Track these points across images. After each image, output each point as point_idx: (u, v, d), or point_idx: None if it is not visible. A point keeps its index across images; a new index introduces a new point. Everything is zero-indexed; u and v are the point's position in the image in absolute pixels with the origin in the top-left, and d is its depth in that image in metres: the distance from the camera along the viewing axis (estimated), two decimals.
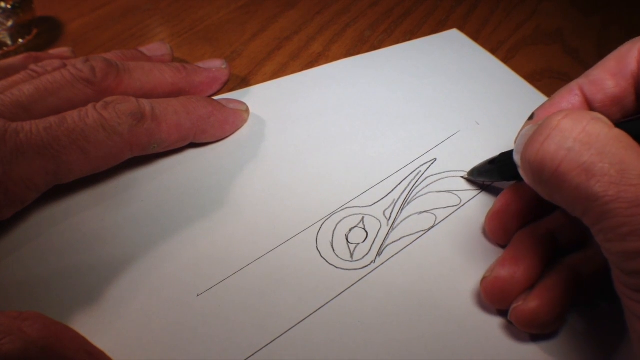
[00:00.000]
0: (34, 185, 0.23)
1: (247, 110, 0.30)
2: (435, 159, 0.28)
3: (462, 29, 0.39)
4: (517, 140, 0.20)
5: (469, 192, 0.26)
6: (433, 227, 0.25)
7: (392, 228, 0.25)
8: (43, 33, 0.38)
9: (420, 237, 0.24)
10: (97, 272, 0.23)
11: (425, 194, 0.26)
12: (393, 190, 0.26)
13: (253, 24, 0.40)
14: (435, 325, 0.21)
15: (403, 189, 0.27)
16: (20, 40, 0.37)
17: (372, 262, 0.23)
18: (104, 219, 0.25)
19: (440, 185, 0.27)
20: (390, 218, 0.25)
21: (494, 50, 0.37)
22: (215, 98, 0.31)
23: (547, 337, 0.21)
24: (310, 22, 0.40)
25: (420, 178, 0.27)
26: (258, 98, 0.32)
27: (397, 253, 0.24)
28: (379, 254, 0.24)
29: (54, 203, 0.25)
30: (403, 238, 0.24)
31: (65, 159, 0.23)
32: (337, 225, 0.25)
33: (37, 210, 0.25)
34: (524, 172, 0.19)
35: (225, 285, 0.22)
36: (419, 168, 0.28)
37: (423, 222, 0.25)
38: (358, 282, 0.23)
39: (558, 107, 0.22)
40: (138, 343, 0.20)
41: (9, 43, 0.36)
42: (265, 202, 0.26)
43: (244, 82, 0.34)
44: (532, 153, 0.17)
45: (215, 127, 0.28)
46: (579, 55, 0.37)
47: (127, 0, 0.42)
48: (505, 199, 0.23)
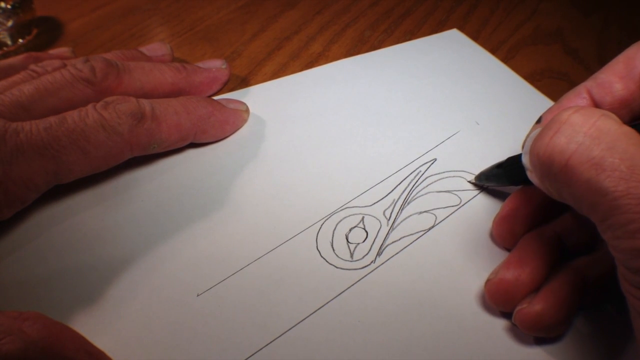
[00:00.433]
0: (34, 185, 0.23)
1: (247, 110, 0.30)
2: (435, 159, 0.28)
3: (462, 29, 0.39)
4: (525, 143, 0.20)
5: (469, 192, 0.26)
6: (433, 227, 0.25)
7: (392, 228, 0.25)
8: (43, 33, 0.38)
9: (420, 237, 0.24)
10: (97, 272, 0.23)
11: (425, 194, 0.26)
12: (393, 190, 0.26)
13: (253, 24, 0.40)
14: (435, 326, 0.21)
15: (403, 189, 0.27)
16: (20, 40, 0.37)
17: (372, 262, 0.23)
18: (104, 219, 0.25)
19: (440, 185, 0.27)
20: (390, 218, 0.25)
21: (494, 50, 0.37)
22: (215, 98, 0.31)
23: (551, 340, 0.21)
24: (310, 22, 0.40)
25: (420, 178, 0.27)
26: (258, 98, 0.32)
27: (397, 253, 0.24)
28: (379, 254, 0.24)
29: (54, 203, 0.25)
30: (403, 238, 0.24)
31: (65, 159, 0.23)
32: (337, 225, 0.25)
33: (37, 210, 0.25)
34: (533, 167, 0.19)
35: (225, 285, 0.22)
36: (419, 168, 0.28)
37: (423, 222, 0.25)
38: (358, 282, 0.23)
39: (563, 109, 0.22)
40: (138, 343, 0.20)
41: (9, 43, 0.36)
42: (265, 202, 0.26)
43: (244, 82, 0.34)
44: (541, 146, 0.17)
45: (215, 127, 0.28)
46: (579, 55, 0.37)
47: (127, 0, 0.42)
48: (513, 203, 0.23)
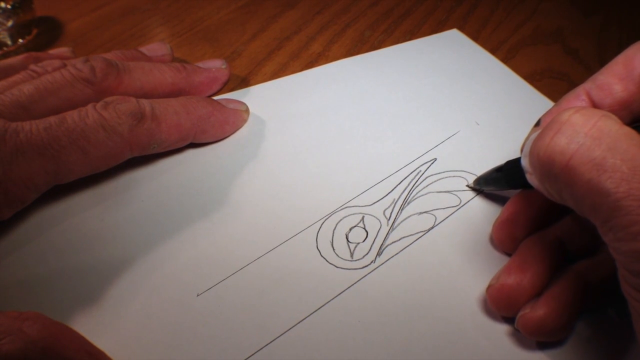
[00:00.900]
0: (34, 185, 0.23)
1: (247, 110, 0.30)
2: (435, 159, 0.28)
3: (462, 29, 0.39)
4: (524, 146, 0.20)
5: (469, 192, 0.26)
6: (433, 227, 0.25)
7: (392, 228, 0.25)
8: (43, 33, 0.38)
9: (420, 237, 0.24)
10: (97, 272, 0.23)
11: (425, 194, 0.26)
12: (393, 190, 0.26)
13: (253, 24, 0.40)
14: (435, 326, 0.21)
15: (403, 189, 0.27)
16: (20, 40, 0.37)
17: (372, 261, 0.23)
18: (104, 219, 0.25)
19: (440, 186, 0.27)
20: (390, 218, 0.25)
21: (494, 50, 0.37)
22: (215, 98, 0.31)
23: (553, 344, 0.21)
24: (310, 22, 0.40)
25: (420, 178, 0.27)
26: (258, 98, 0.32)
27: (397, 253, 0.24)
28: (379, 254, 0.24)
29: (54, 203, 0.25)
30: (403, 238, 0.24)
31: (65, 159, 0.23)
32: (337, 225, 0.25)
33: (37, 210, 0.25)
34: (533, 168, 0.18)
35: (225, 285, 0.22)
36: (419, 168, 0.28)
37: (423, 222, 0.25)
38: (358, 281, 0.23)
39: (563, 110, 0.22)
40: (138, 343, 0.20)
41: (9, 43, 0.36)
42: (265, 201, 0.26)
43: (244, 82, 0.34)
44: (541, 147, 0.17)
45: (215, 127, 0.28)
46: (579, 55, 0.37)
47: (127, 0, 0.42)
48: (513, 208, 0.23)
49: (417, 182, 0.27)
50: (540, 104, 0.32)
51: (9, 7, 0.35)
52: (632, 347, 0.21)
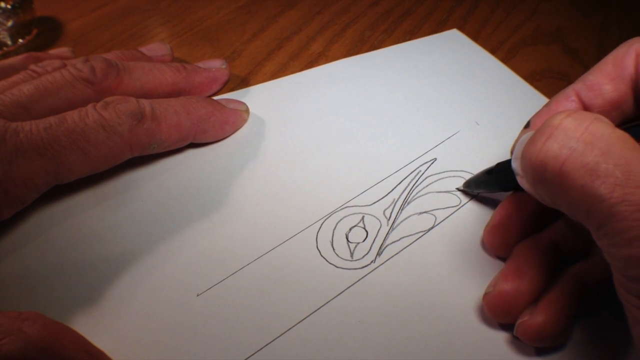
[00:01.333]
0: (34, 186, 0.23)
1: (247, 110, 0.30)
2: (435, 159, 0.28)
3: (462, 29, 0.39)
4: (515, 148, 0.20)
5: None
6: (433, 227, 0.25)
7: (392, 228, 0.25)
8: (43, 33, 0.38)
9: (420, 237, 0.24)
10: (97, 271, 0.23)
11: (425, 194, 0.26)
12: (393, 190, 0.26)
13: (253, 24, 0.40)
14: (435, 326, 0.21)
15: (403, 189, 0.27)
16: (20, 40, 0.37)
17: (372, 261, 0.23)
18: (104, 219, 0.25)
19: (440, 185, 0.27)
20: (390, 218, 0.25)
21: (494, 50, 0.37)
22: (215, 98, 0.31)
23: (551, 349, 0.20)
24: (310, 22, 0.40)
25: (420, 178, 0.27)
26: (258, 98, 0.32)
27: (397, 253, 0.24)
28: (379, 254, 0.24)
29: (54, 203, 0.25)
30: (403, 238, 0.24)
31: (65, 159, 0.23)
32: (337, 225, 0.25)
33: (37, 210, 0.25)
34: (525, 173, 0.18)
35: (225, 285, 0.22)
36: (419, 168, 0.28)
37: (423, 222, 0.25)
38: (358, 281, 0.23)
39: (554, 113, 0.22)
40: (138, 343, 0.20)
41: (9, 43, 0.36)
42: (265, 201, 0.26)
43: (244, 82, 0.34)
44: (534, 152, 0.17)
45: (215, 127, 0.28)
46: (579, 55, 0.37)
47: (127, 0, 0.42)
48: (505, 211, 0.22)
49: (417, 182, 0.27)
50: (540, 104, 0.31)
51: (9, 7, 0.35)
52: (627, 349, 0.21)
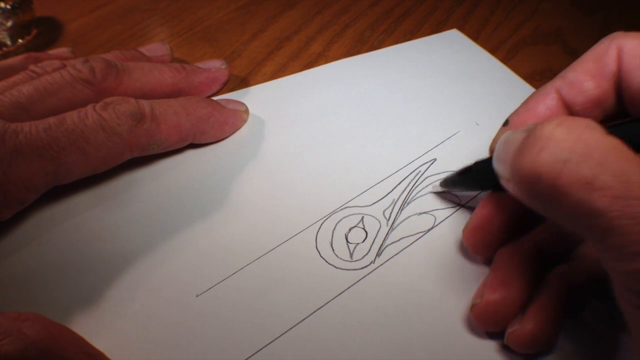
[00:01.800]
0: (33, 186, 0.23)
1: (246, 111, 0.30)
2: (435, 159, 0.28)
3: (462, 29, 0.39)
4: (496, 148, 0.19)
5: (469, 192, 0.26)
6: (432, 228, 0.25)
7: (391, 228, 0.25)
8: (43, 33, 0.38)
9: (420, 238, 0.24)
10: (96, 272, 0.23)
11: (425, 195, 0.26)
12: (393, 190, 0.26)
13: (253, 24, 0.40)
14: (435, 326, 0.21)
15: (403, 189, 0.26)
16: (20, 41, 0.37)
17: (371, 262, 0.23)
18: (104, 220, 0.25)
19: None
20: (390, 218, 0.25)
21: (494, 51, 0.37)
22: (215, 98, 0.31)
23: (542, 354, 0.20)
24: (310, 22, 0.40)
25: (420, 178, 0.27)
26: (258, 98, 0.32)
27: (396, 254, 0.24)
28: (379, 254, 0.24)
29: (54, 204, 0.25)
30: (403, 239, 0.24)
31: (65, 160, 0.23)
32: (336, 225, 0.25)
33: (36, 211, 0.25)
34: (516, 186, 0.17)
35: (225, 285, 0.22)
36: (419, 168, 0.28)
37: (423, 223, 0.25)
38: (358, 282, 0.23)
39: (534, 112, 0.21)
40: (137, 344, 0.20)
41: (9, 43, 0.36)
42: (265, 202, 0.26)
43: (244, 82, 0.34)
44: (525, 166, 0.16)
45: (215, 127, 0.28)
46: (579, 55, 0.37)
47: (127, 0, 0.42)
48: (485, 212, 0.22)
49: (416, 182, 0.27)
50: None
51: (9, 7, 0.35)
52: (612, 348, 0.20)
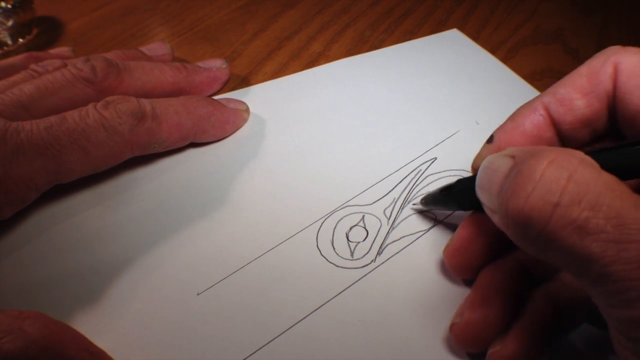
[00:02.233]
0: (35, 185, 0.23)
1: (247, 110, 0.30)
2: (436, 158, 0.28)
3: (462, 29, 0.39)
4: (478, 174, 0.18)
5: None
6: (433, 227, 0.25)
7: (392, 227, 0.25)
8: (43, 33, 0.38)
9: (421, 236, 0.24)
10: (97, 271, 0.23)
11: (425, 195, 0.26)
12: (393, 189, 0.26)
13: (253, 24, 0.40)
14: (435, 325, 0.21)
15: (403, 188, 0.27)
16: (21, 40, 0.37)
17: (372, 261, 0.23)
18: (105, 219, 0.25)
19: (441, 185, 0.27)
20: (391, 217, 0.25)
21: (494, 50, 0.37)
22: (216, 98, 0.31)
23: None
24: (310, 22, 0.40)
25: (421, 177, 0.27)
26: (258, 98, 0.32)
27: (397, 252, 0.24)
28: (379, 253, 0.24)
29: (55, 203, 0.25)
30: (403, 237, 0.24)
31: (66, 159, 0.23)
32: (337, 224, 0.25)
33: (37, 210, 0.25)
34: (506, 227, 0.16)
35: (225, 284, 0.22)
36: (419, 167, 0.28)
37: (423, 222, 0.25)
38: (358, 281, 0.23)
39: (521, 128, 0.20)
40: (138, 342, 0.20)
41: (9, 43, 0.36)
42: (265, 201, 0.26)
43: (244, 81, 0.34)
44: (515, 209, 0.15)
45: (216, 126, 0.28)
46: (579, 55, 0.37)
47: (127, 0, 0.42)
48: (466, 233, 0.21)
49: (417, 181, 0.27)
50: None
51: (9, 6, 0.35)
52: None
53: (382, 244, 0.24)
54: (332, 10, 0.42)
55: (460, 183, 0.22)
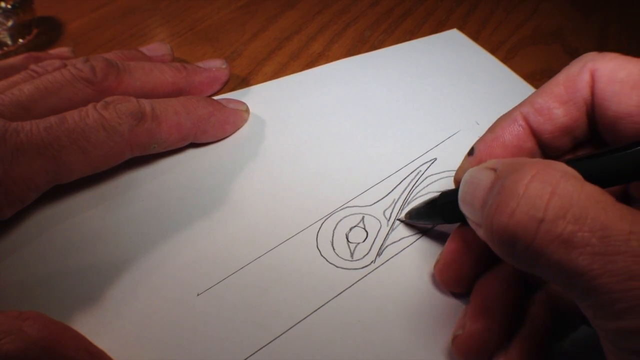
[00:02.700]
0: (34, 185, 0.23)
1: (247, 110, 0.30)
2: (436, 159, 0.28)
3: (462, 29, 0.39)
4: (460, 187, 0.18)
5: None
6: (433, 228, 0.25)
7: (392, 228, 0.25)
8: (43, 33, 0.38)
9: (420, 237, 0.24)
10: (97, 271, 0.23)
11: (426, 194, 0.26)
12: (393, 190, 0.26)
13: (253, 24, 0.40)
14: (435, 326, 0.21)
15: (403, 189, 0.27)
16: (21, 40, 0.37)
17: (372, 262, 0.23)
18: (104, 219, 0.25)
19: (440, 185, 0.27)
20: (391, 218, 0.25)
21: (494, 50, 0.37)
22: (216, 98, 0.31)
23: None
24: (310, 22, 0.40)
25: (421, 178, 0.27)
26: (258, 98, 0.32)
27: (397, 253, 0.24)
28: (379, 254, 0.24)
29: (54, 203, 0.25)
30: (403, 239, 0.24)
31: (66, 159, 0.23)
32: (337, 225, 0.25)
33: (37, 210, 0.25)
34: (492, 245, 0.16)
35: (225, 285, 0.22)
36: (419, 168, 0.28)
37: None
38: (358, 281, 0.23)
39: (500, 140, 0.20)
40: (138, 342, 0.20)
41: (9, 43, 0.36)
42: (265, 201, 0.26)
43: (244, 82, 0.34)
44: (500, 225, 0.15)
45: (216, 127, 0.28)
46: (579, 55, 0.37)
47: (127, 0, 0.42)
48: (455, 247, 0.21)
49: (417, 182, 0.27)
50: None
51: (9, 7, 0.35)
52: None
53: (382, 245, 0.24)
54: (332, 11, 0.42)
55: (444, 197, 0.22)
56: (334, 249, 0.24)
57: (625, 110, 0.18)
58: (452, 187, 0.27)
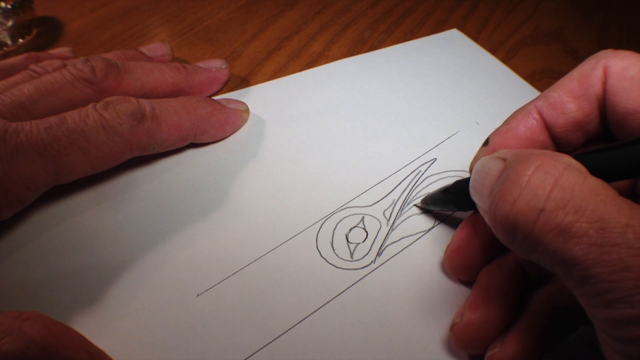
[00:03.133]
0: (34, 185, 0.23)
1: (247, 110, 0.30)
2: (435, 159, 0.28)
3: (462, 29, 0.39)
4: (471, 176, 0.18)
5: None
6: (433, 228, 0.25)
7: (392, 228, 0.25)
8: (43, 33, 0.38)
9: (420, 237, 0.24)
10: (97, 272, 0.23)
11: (425, 195, 0.26)
12: (393, 190, 0.26)
13: (253, 24, 0.40)
14: (435, 326, 0.21)
15: (403, 189, 0.27)
16: (21, 40, 0.37)
17: (372, 262, 0.23)
18: (104, 219, 0.25)
19: (440, 186, 0.27)
20: (390, 218, 0.25)
21: (494, 50, 0.37)
22: (215, 98, 0.31)
23: None
24: (310, 22, 0.40)
25: (420, 178, 0.27)
26: (258, 98, 0.32)
27: (397, 253, 0.24)
28: (379, 254, 0.24)
29: (54, 203, 0.25)
30: (403, 239, 0.24)
31: (66, 159, 0.23)
32: (337, 225, 0.25)
33: (37, 211, 0.25)
34: (495, 231, 0.17)
35: (225, 285, 0.22)
36: (419, 168, 0.28)
37: (423, 223, 0.25)
38: (358, 282, 0.23)
39: (515, 132, 0.21)
40: (138, 343, 0.21)
41: (9, 43, 0.36)
42: (265, 201, 0.26)
43: (244, 82, 0.34)
44: (502, 214, 0.15)
45: (216, 127, 0.28)
46: (579, 55, 0.37)
47: (127, 0, 0.42)
48: (465, 234, 0.21)
49: (417, 182, 0.27)
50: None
51: (9, 7, 0.35)
52: None
53: (381, 245, 0.24)
54: (331, 11, 0.42)
55: (457, 184, 0.22)
56: (334, 250, 0.24)
57: (634, 107, 0.18)
58: None
